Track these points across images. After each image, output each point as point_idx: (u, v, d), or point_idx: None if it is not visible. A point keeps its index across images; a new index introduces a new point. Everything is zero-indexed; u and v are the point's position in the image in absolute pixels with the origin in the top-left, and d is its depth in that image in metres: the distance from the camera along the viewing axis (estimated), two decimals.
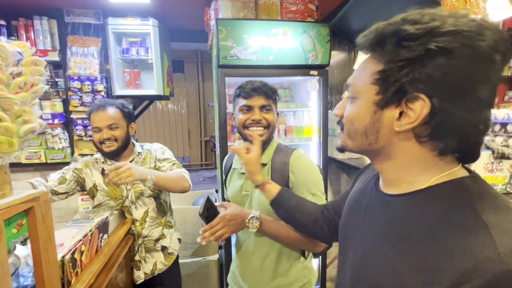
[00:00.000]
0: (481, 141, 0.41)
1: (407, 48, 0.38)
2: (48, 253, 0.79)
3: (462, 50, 0.35)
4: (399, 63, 0.39)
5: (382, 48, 0.41)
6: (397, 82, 0.39)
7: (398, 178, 0.46)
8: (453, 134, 0.39)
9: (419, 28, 0.36)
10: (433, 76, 0.37)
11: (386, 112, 0.42)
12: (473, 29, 0.35)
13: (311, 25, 1.70)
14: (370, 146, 0.46)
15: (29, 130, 0.66)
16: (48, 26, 1.98)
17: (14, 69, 0.63)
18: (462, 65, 0.36)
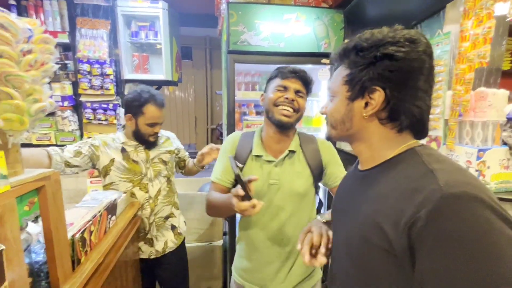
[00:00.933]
0: (427, 119, 0.56)
1: (362, 57, 0.54)
2: (59, 231, 0.80)
3: (399, 54, 0.50)
4: (359, 67, 0.55)
5: (347, 58, 0.58)
6: (359, 81, 0.55)
7: (372, 156, 0.59)
8: (404, 114, 0.53)
9: (368, 42, 0.54)
10: (383, 74, 0.52)
11: (355, 103, 0.57)
12: (406, 39, 0.51)
13: (325, 11, 1.64)
14: (348, 131, 0.60)
15: (40, 109, 0.66)
16: (58, 7, 1.96)
17: (25, 46, 0.62)
18: (402, 64, 0.51)
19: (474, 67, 1.04)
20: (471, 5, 1.04)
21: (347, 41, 0.59)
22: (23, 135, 0.68)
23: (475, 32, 1.03)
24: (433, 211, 0.41)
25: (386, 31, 0.53)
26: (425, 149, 0.54)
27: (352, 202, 0.62)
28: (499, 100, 1.11)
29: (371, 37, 0.54)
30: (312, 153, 1.05)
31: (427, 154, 0.52)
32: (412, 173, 0.50)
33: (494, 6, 0.96)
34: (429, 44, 0.52)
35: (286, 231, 1.02)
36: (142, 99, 1.28)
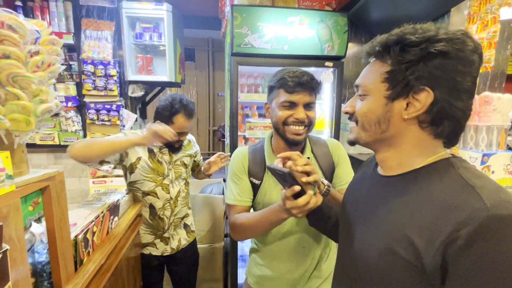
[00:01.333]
0: (464, 126, 0.51)
1: (410, 52, 0.48)
2: (62, 232, 0.81)
3: (454, 52, 0.46)
4: (405, 64, 0.49)
5: (387, 53, 0.51)
6: (404, 79, 0.49)
7: (400, 163, 0.54)
8: (448, 119, 0.49)
9: (418, 37, 0.47)
10: (434, 73, 0.47)
11: (396, 103, 0.51)
12: (459, 37, 0.46)
13: (329, 14, 1.64)
14: (383, 134, 0.54)
15: (46, 109, 0.67)
16: (63, 8, 1.98)
17: (32, 47, 0.63)
18: (455, 63, 0.46)
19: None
20: (476, 9, 1.04)
21: (385, 35, 0.52)
22: (29, 135, 0.69)
23: (479, 36, 1.03)
24: (477, 232, 0.38)
25: (435, 27, 0.48)
26: (461, 162, 0.50)
27: (372, 209, 0.57)
28: (504, 104, 1.10)
29: (421, 31, 0.48)
30: (324, 157, 1.00)
31: (463, 168, 0.48)
32: (449, 186, 0.46)
33: (500, 10, 0.96)
34: (478, 43, 0.48)
35: (306, 240, 1.00)
36: (173, 109, 1.29)
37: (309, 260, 1.01)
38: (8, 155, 0.57)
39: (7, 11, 0.60)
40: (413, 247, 0.45)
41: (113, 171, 2.19)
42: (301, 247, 1.00)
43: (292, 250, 1.00)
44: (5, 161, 0.56)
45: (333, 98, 1.78)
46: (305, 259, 1.01)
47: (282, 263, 1.02)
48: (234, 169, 1.01)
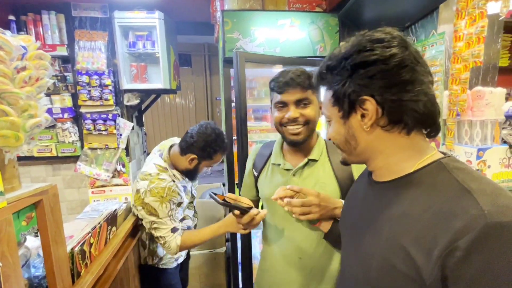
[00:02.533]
0: (434, 111, 0.50)
1: (337, 74, 0.53)
2: (57, 245, 0.80)
3: (371, 58, 0.48)
4: (338, 84, 0.53)
5: (325, 80, 0.57)
6: (345, 97, 0.52)
7: (388, 169, 0.54)
8: (404, 113, 0.49)
9: (337, 59, 0.53)
10: (364, 82, 0.50)
11: (351, 120, 0.54)
12: (372, 41, 0.49)
13: (320, 15, 1.65)
14: (356, 150, 0.56)
15: (35, 124, 0.67)
16: (56, 21, 1.99)
17: (19, 63, 0.63)
18: (378, 66, 0.48)
19: (469, 66, 1.04)
20: (464, 5, 1.04)
21: (320, 64, 0.58)
22: (21, 150, 0.69)
23: (468, 31, 1.03)
24: (476, 241, 0.37)
25: (351, 41, 0.52)
26: (454, 162, 0.48)
27: (367, 218, 0.57)
28: (496, 98, 1.10)
29: (338, 53, 0.53)
30: (342, 167, 0.91)
31: (457, 169, 0.46)
32: (443, 191, 0.44)
33: (487, 5, 0.96)
34: (400, 36, 0.50)
35: (303, 251, 0.93)
36: (217, 147, 1.24)
37: (306, 271, 0.94)
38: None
39: None
40: (411, 260, 0.43)
41: (111, 181, 2.19)
42: (297, 258, 0.95)
43: (288, 260, 0.96)
44: None
45: None
46: (302, 271, 0.94)
47: (280, 273, 0.99)
48: (247, 166, 1.13)
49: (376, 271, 0.50)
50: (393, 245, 0.47)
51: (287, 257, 0.97)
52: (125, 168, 2.21)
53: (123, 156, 2.19)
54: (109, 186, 2.19)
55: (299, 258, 0.94)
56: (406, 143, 0.51)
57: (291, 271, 0.96)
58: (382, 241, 0.50)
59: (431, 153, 0.51)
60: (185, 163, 1.26)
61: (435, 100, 0.50)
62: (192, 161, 1.26)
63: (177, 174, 1.30)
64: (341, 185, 0.91)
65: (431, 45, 1.27)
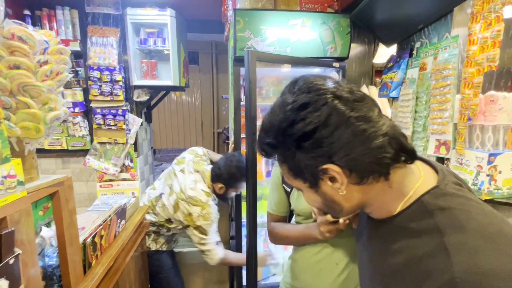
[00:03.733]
0: (399, 138, 0.45)
1: (282, 151, 0.48)
2: (71, 236, 0.83)
3: (310, 127, 0.43)
4: (288, 160, 0.48)
5: (271, 156, 0.51)
6: (305, 169, 0.47)
7: (379, 211, 0.51)
8: (374, 164, 0.43)
9: (273, 136, 0.47)
10: (315, 153, 0.44)
11: (322, 187, 0.49)
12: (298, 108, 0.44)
13: (331, 16, 1.65)
14: (343, 211, 0.52)
15: (55, 117, 0.68)
16: (69, 16, 2.03)
17: (41, 58, 0.65)
18: (320, 134, 0.43)
19: (483, 70, 1.03)
20: (479, 8, 1.03)
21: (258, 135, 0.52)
22: (39, 142, 0.71)
23: (483, 35, 1.02)
24: None
25: (278, 111, 0.47)
26: (436, 199, 0.43)
27: (364, 249, 0.58)
28: (510, 103, 1.09)
29: (270, 127, 0.48)
30: None
31: (440, 210, 0.42)
32: (422, 244, 0.41)
33: (503, 9, 0.95)
34: (321, 88, 0.44)
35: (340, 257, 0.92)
36: (239, 178, 1.52)
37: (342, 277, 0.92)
38: (19, 162, 0.59)
39: (17, 22, 0.63)
40: None
41: (119, 175, 2.22)
42: (334, 263, 0.92)
43: (324, 264, 0.94)
44: (16, 168, 0.58)
45: None
46: (338, 277, 0.92)
47: (312, 276, 0.96)
48: (273, 177, 1.04)
49: None
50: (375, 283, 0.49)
51: (322, 263, 0.94)
52: (133, 163, 2.24)
53: (131, 151, 2.22)
54: (117, 181, 2.22)
55: (336, 264, 0.92)
56: (387, 186, 0.47)
57: (327, 276, 0.93)
58: (368, 275, 0.52)
59: (413, 187, 0.46)
60: (217, 189, 1.57)
61: (394, 125, 0.45)
62: (221, 189, 1.56)
63: (215, 197, 1.60)
64: None
65: (444, 48, 1.26)
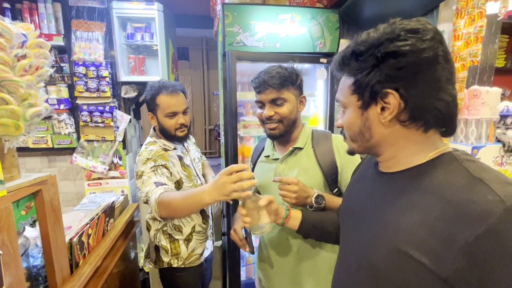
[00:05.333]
0: (455, 112, 0.49)
1: (363, 61, 0.50)
2: (56, 235, 0.81)
3: (404, 48, 0.46)
4: (362, 73, 0.50)
5: (347, 66, 0.53)
6: (368, 87, 0.50)
7: (398, 160, 0.54)
8: (427, 111, 0.48)
9: (366, 45, 0.49)
10: (391, 74, 0.47)
11: (370, 111, 0.52)
12: (407, 30, 0.46)
13: (320, 11, 1.64)
14: (369, 142, 0.55)
15: (35, 113, 0.66)
16: (52, 10, 1.95)
17: (19, 51, 0.62)
18: (409, 59, 0.46)
19: (467, 65, 1.05)
20: (463, 4, 1.05)
21: (343, 49, 0.54)
22: (19, 139, 0.68)
23: (467, 31, 1.04)
24: (498, 225, 0.37)
25: (383, 28, 0.49)
26: (464, 155, 0.48)
27: (374, 207, 0.56)
28: (492, 98, 1.12)
29: (367, 38, 0.50)
30: (324, 152, 0.99)
31: (467, 160, 0.47)
32: (456, 181, 0.44)
33: (486, 5, 0.97)
34: (436, 29, 0.47)
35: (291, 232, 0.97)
36: (152, 91, 1.21)
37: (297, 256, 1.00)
38: None
39: None
40: (428, 249, 0.43)
41: (108, 173, 2.18)
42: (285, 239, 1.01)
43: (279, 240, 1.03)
44: None
45: (327, 94, 1.79)
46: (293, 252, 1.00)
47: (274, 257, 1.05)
48: None
49: (384, 259, 0.49)
50: (407, 234, 0.46)
51: (276, 241, 1.03)
52: (121, 161, 2.20)
53: (120, 149, 2.18)
54: (106, 179, 2.18)
55: (286, 239, 1.01)
56: (422, 139, 0.51)
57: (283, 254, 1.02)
58: (394, 230, 0.49)
59: (441, 147, 0.51)
60: (154, 124, 1.27)
61: (457, 101, 0.49)
62: (152, 119, 1.25)
63: (166, 142, 1.25)
64: (324, 172, 0.98)
65: None
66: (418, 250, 0.44)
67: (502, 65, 2.61)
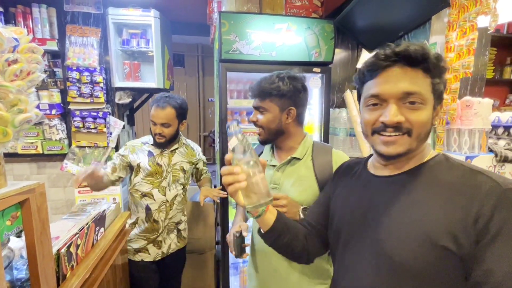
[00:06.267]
0: None
1: (439, 69, 0.56)
2: (43, 246, 0.77)
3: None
4: (439, 78, 0.57)
5: (427, 65, 0.55)
6: (438, 92, 0.57)
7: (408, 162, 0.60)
8: None
9: (437, 57, 0.56)
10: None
11: (433, 112, 0.58)
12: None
13: (316, 21, 1.67)
14: (421, 142, 0.58)
15: (24, 119, 0.64)
16: (47, 14, 1.94)
17: (10, 56, 0.61)
18: None
19: (460, 77, 1.08)
20: (455, 17, 1.07)
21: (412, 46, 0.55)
22: (7, 146, 0.66)
23: (459, 43, 1.07)
24: (496, 204, 0.47)
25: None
26: (451, 156, 0.60)
27: (385, 209, 0.59)
28: (484, 108, 1.14)
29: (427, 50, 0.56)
30: (323, 165, 0.99)
31: (456, 159, 0.58)
32: (458, 172, 0.54)
33: (477, 18, 0.99)
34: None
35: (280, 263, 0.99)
36: (153, 102, 1.47)
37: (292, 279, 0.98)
38: None
39: None
40: (451, 233, 0.50)
41: None
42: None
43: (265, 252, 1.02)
44: None
45: (322, 103, 1.80)
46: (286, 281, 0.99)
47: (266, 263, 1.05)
48: None
49: (416, 252, 0.52)
50: (431, 226, 0.52)
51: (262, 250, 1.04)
52: None
53: (112, 156, 2.14)
54: None
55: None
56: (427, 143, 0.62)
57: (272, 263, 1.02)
58: (418, 225, 0.53)
59: (432, 151, 0.62)
60: None
61: None
62: None
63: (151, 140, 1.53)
64: (320, 183, 0.97)
65: None
66: (446, 237, 0.50)
67: (491, 76, 2.70)
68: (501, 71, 2.75)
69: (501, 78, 2.74)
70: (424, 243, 0.52)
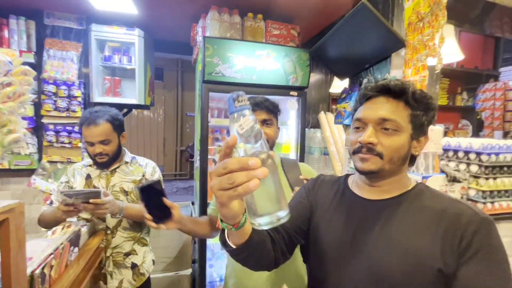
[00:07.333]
0: None
1: (421, 102, 0.63)
2: (18, 267, 0.76)
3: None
4: (420, 111, 0.63)
5: (405, 98, 0.63)
6: (421, 124, 0.63)
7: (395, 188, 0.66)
8: None
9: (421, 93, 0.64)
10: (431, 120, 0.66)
11: (413, 142, 0.64)
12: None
13: (293, 50, 1.82)
14: (399, 167, 0.64)
15: (14, 139, 0.66)
16: (25, 27, 1.90)
17: (5, 79, 0.63)
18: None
19: None
20: (410, 57, 1.26)
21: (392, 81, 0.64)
22: None
23: (414, 78, 1.24)
24: (476, 230, 0.55)
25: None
26: (427, 186, 0.68)
27: (376, 232, 0.63)
28: (436, 134, 1.32)
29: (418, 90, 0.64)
30: (296, 177, 1.10)
31: (433, 189, 0.67)
32: (441, 201, 0.61)
33: (427, 59, 1.18)
34: None
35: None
36: (80, 121, 1.30)
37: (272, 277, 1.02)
38: None
39: None
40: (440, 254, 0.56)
41: None
42: None
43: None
44: None
45: (298, 123, 1.93)
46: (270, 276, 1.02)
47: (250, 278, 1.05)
48: None
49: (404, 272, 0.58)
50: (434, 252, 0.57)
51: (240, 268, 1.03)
52: None
53: None
54: None
55: None
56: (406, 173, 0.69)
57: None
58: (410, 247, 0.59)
59: (412, 180, 0.69)
60: None
61: None
62: None
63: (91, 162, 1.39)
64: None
65: None
66: (440, 260, 0.56)
67: (446, 103, 3.03)
68: (454, 99, 3.11)
69: (454, 105, 3.10)
70: (422, 267, 0.57)
